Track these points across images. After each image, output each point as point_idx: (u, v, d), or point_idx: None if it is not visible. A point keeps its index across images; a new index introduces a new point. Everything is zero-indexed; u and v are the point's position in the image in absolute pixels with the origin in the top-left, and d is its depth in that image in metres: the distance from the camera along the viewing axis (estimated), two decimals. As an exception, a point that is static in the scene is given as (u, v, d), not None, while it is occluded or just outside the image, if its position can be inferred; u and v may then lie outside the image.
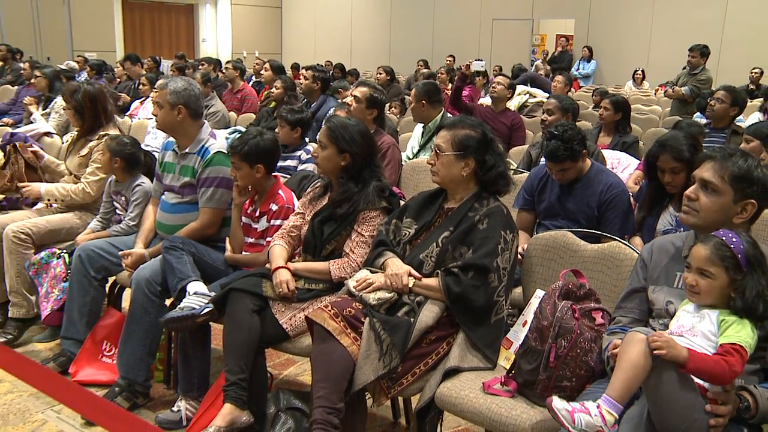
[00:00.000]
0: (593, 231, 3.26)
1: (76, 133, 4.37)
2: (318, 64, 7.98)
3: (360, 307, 2.70)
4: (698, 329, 2.06)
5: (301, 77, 7.28)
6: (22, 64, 10.42)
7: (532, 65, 15.84)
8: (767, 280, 2.02)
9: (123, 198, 3.97)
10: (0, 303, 4.18)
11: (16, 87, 9.45)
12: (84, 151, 4.23)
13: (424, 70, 8.27)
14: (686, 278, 2.11)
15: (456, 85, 6.42)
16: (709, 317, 2.06)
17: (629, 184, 4.25)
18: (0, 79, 10.93)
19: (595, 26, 14.98)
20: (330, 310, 2.67)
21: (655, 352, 1.91)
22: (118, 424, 3.13)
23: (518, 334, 2.66)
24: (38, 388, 3.47)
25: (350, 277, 2.87)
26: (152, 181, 3.92)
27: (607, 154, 4.73)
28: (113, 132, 4.21)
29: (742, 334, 1.98)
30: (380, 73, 9.95)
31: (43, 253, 3.90)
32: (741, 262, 2.02)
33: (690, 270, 2.11)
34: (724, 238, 2.06)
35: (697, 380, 1.97)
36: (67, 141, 4.61)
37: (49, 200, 4.24)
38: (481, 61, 7.05)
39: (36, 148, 4.59)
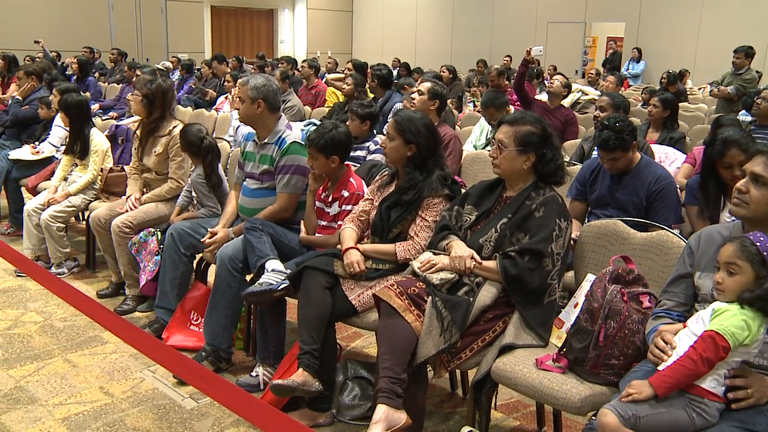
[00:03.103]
0: (641, 220, 3.16)
1: (141, 128, 4.35)
2: (382, 64, 7.86)
3: (423, 286, 2.67)
4: (701, 317, 2.00)
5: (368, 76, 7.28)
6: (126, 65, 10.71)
7: (584, 66, 15.47)
8: None
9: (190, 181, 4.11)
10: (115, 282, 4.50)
11: (121, 85, 9.72)
12: (158, 149, 4.24)
13: (475, 79, 8.11)
14: (715, 277, 2.02)
15: (520, 71, 6.35)
16: (711, 307, 1.98)
17: (678, 179, 4.10)
18: (110, 78, 11.26)
19: (645, 28, 14.47)
20: (396, 289, 2.65)
21: (626, 400, 1.94)
22: (205, 385, 3.16)
23: (569, 314, 2.60)
24: (138, 350, 3.56)
25: (415, 259, 2.84)
26: (219, 169, 4.02)
27: (656, 148, 4.59)
28: (177, 125, 4.21)
29: (726, 323, 1.89)
30: (443, 72, 9.86)
31: (141, 233, 4.04)
32: (766, 258, 1.93)
33: (719, 269, 2.02)
34: (751, 236, 1.98)
35: (707, 388, 1.93)
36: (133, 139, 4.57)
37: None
38: (540, 46, 6.91)
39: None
